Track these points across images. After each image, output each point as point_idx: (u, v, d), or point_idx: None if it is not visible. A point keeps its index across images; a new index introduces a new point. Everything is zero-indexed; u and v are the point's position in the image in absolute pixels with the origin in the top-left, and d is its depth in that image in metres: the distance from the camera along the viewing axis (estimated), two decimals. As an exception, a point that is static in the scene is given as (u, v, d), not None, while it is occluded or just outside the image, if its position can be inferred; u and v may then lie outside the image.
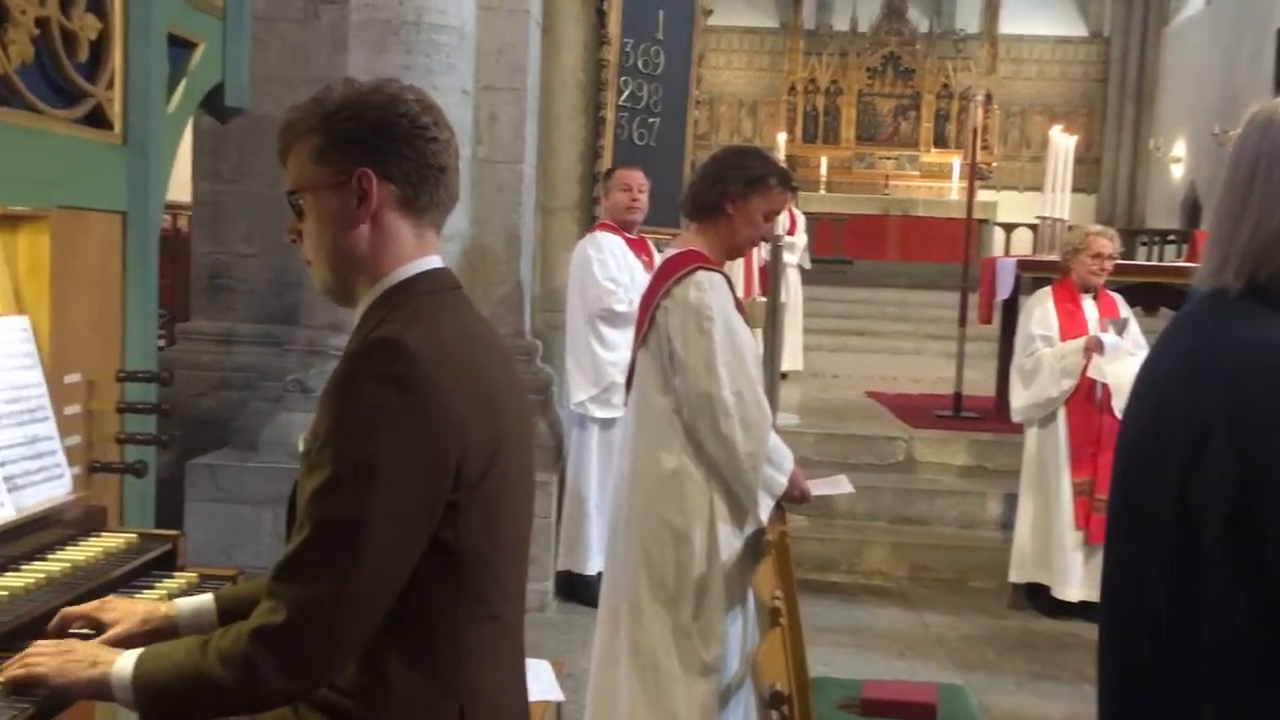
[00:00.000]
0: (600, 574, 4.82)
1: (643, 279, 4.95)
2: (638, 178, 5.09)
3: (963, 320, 7.37)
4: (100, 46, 2.32)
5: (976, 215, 8.57)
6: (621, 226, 5.07)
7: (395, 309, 1.59)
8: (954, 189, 15.96)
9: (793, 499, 3.07)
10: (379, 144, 1.59)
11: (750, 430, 2.91)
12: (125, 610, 1.74)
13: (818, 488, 3.20)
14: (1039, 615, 5.18)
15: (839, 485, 3.37)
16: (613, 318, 4.90)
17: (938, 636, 4.95)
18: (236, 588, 1.86)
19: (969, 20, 17.53)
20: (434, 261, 1.67)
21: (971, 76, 16.48)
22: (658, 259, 5.05)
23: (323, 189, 1.61)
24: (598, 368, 4.92)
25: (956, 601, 5.44)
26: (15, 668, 1.54)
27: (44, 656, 1.55)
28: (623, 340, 4.84)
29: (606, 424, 4.95)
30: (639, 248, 5.12)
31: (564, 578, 5.13)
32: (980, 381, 7.73)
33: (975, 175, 8.10)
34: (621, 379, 4.77)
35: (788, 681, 1.89)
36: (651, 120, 6.04)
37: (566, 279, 5.22)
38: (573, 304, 5.07)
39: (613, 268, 4.93)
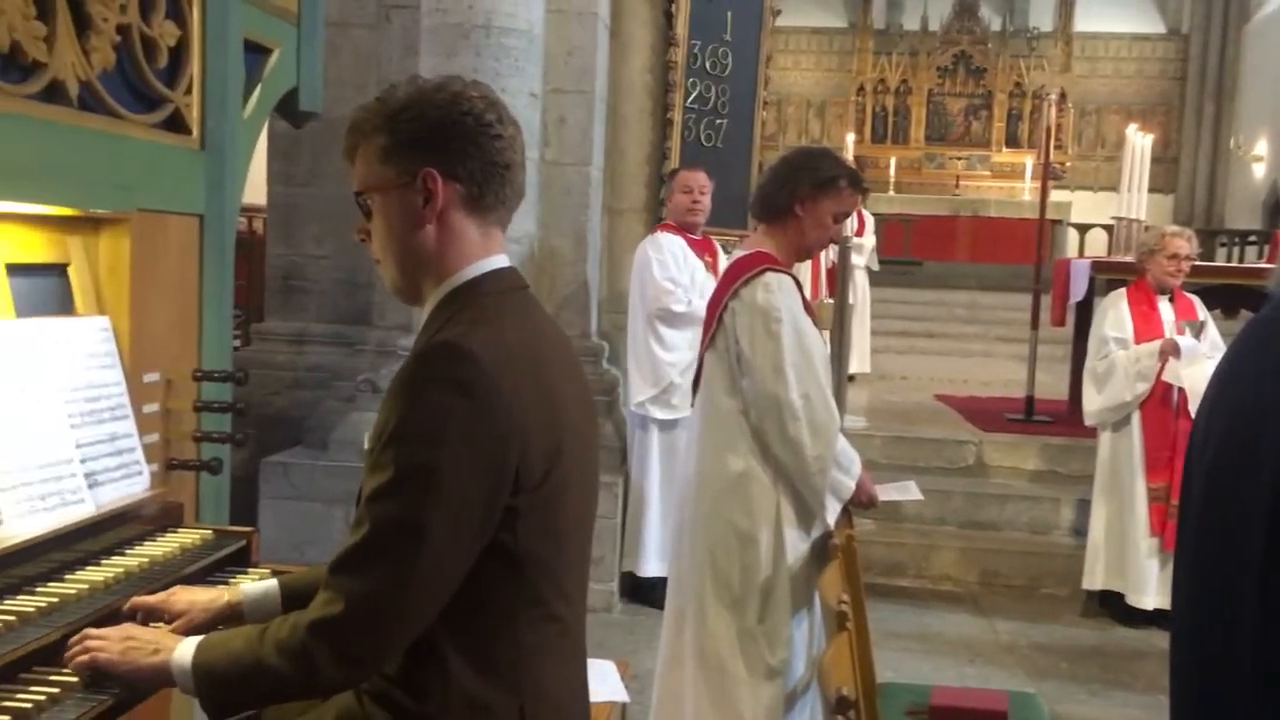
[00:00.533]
0: (658, 577, 4.86)
1: (703, 280, 4.95)
2: (699, 179, 5.07)
3: (1035, 322, 7.25)
4: (179, 53, 2.37)
5: (1050, 216, 8.43)
6: (683, 228, 5.07)
7: (461, 309, 1.60)
8: (1026, 189, 15.72)
9: (860, 504, 3.04)
10: (444, 143, 1.59)
11: (818, 433, 2.89)
12: (189, 600, 1.79)
13: (886, 493, 3.17)
14: (1113, 623, 5.08)
15: (908, 491, 3.33)
16: (671, 318, 4.90)
17: (1009, 643, 4.88)
18: (300, 574, 1.89)
19: (1042, 18, 17.24)
20: (500, 261, 1.67)
21: (1045, 75, 16.20)
22: (723, 260, 5.05)
23: (389, 189, 1.62)
24: (656, 368, 4.92)
25: (1028, 608, 5.36)
26: (78, 651, 1.58)
27: (107, 642, 1.59)
28: (681, 341, 4.85)
29: (667, 425, 4.95)
30: (703, 248, 5.11)
31: (625, 578, 5.14)
32: (1052, 385, 7.60)
33: (1048, 175, 7.97)
34: (681, 379, 4.80)
35: (855, 686, 1.88)
36: (719, 121, 6.02)
37: (632, 280, 5.23)
38: (633, 305, 5.08)
39: (672, 268, 4.93)
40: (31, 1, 1.95)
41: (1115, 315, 5.03)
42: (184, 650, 1.55)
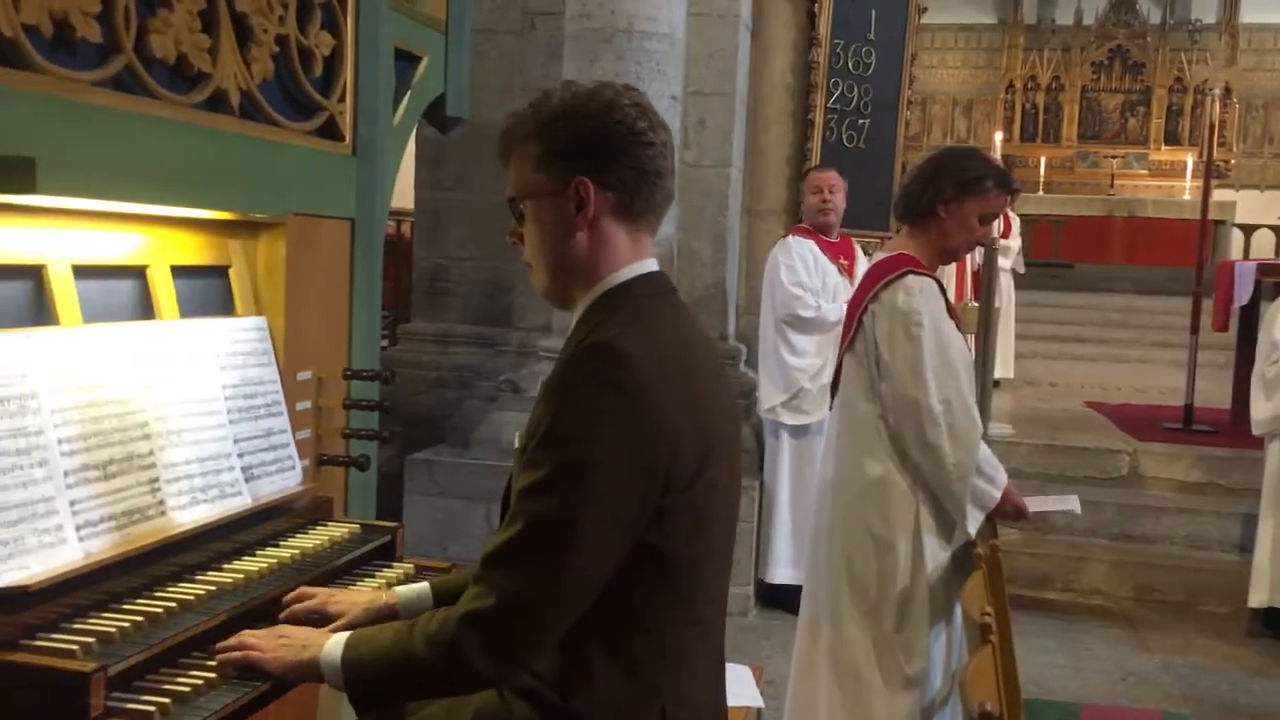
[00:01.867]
0: (788, 585, 4.81)
1: (836, 283, 4.87)
2: (829, 178, 4.99)
3: (1195, 327, 6.94)
4: (333, 62, 2.45)
5: (1212, 216, 8.05)
6: (817, 229, 4.99)
7: (612, 313, 1.62)
8: (1187, 188, 15.03)
9: (1005, 515, 2.95)
10: (597, 153, 1.61)
11: (958, 439, 2.82)
12: (349, 601, 1.84)
13: (1044, 504, 3.06)
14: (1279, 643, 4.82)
15: (1067, 503, 3.19)
16: (799, 324, 4.84)
17: (1163, 662, 4.67)
18: (450, 577, 1.94)
19: (1205, 10, 16.46)
20: (650, 265, 1.69)
21: (1208, 69, 15.47)
22: (861, 263, 4.98)
23: (542, 196, 1.64)
24: (786, 374, 4.87)
25: (1185, 626, 5.12)
26: (232, 647, 1.64)
27: (260, 640, 1.64)
28: (811, 346, 4.81)
29: (797, 430, 4.92)
30: (838, 251, 5.01)
31: (756, 584, 5.10)
32: (1214, 393, 7.25)
33: (1210, 174, 7.60)
34: (810, 385, 4.77)
35: (999, 702, 1.82)
36: (861, 122, 5.94)
37: (769, 284, 5.19)
38: (763, 310, 5.03)
39: (801, 273, 4.86)
40: (196, 14, 2.05)
41: (1286, 319, 4.77)
42: (333, 646, 1.59)
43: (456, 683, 1.58)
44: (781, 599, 4.96)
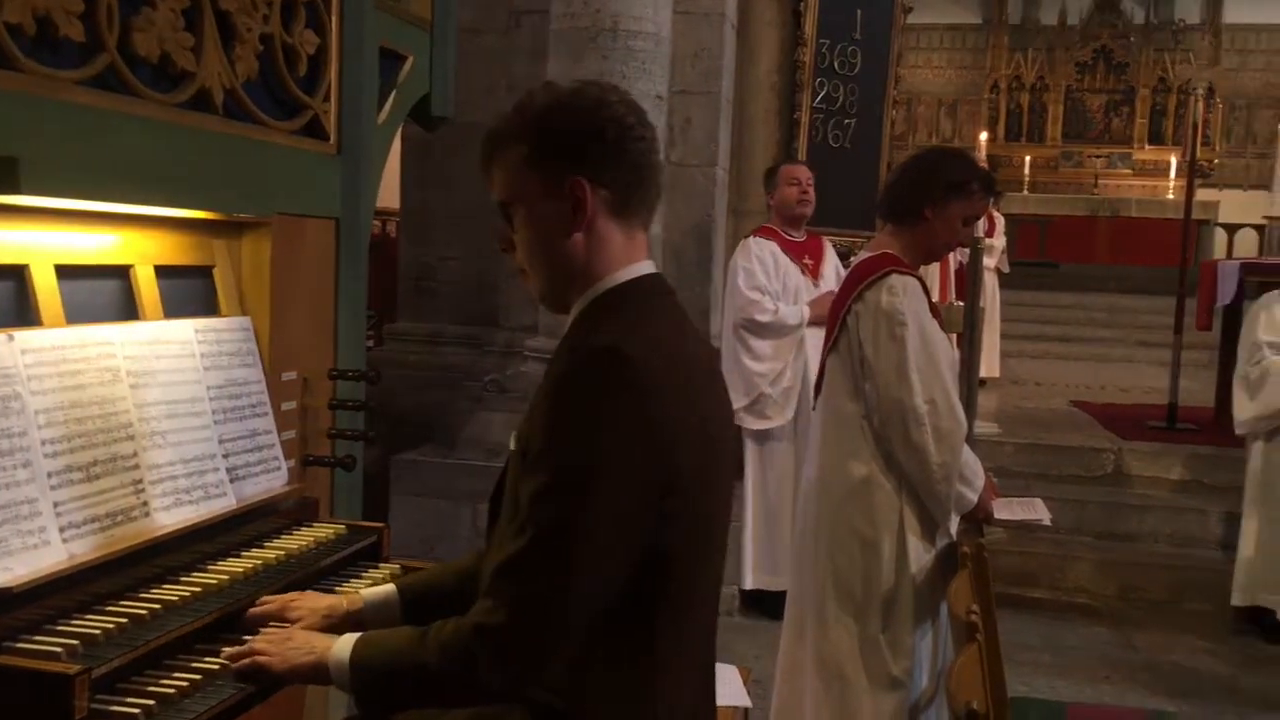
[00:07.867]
0: (758, 590, 4.81)
1: (798, 284, 4.81)
2: (804, 171, 4.90)
3: (1179, 327, 6.97)
4: (318, 61, 2.44)
5: (1195, 216, 8.10)
6: (791, 222, 4.87)
7: (611, 314, 1.60)
8: (1171, 188, 15.13)
9: (975, 519, 2.97)
10: (589, 151, 1.59)
11: (943, 440, 2.82)
12: (309, 607, 1.81)
13: (1010, 510, 3.06)
14: (1263, 641, 4.84)
15: (1033, 510, 3.17)
16: (757, 329, 4.77)
17: (1147, 660, 4.69)
18: (417, 577, 1.91)
19: (1189, 10, 16.56)
20: (647, 266, 1.67)
21: (1191, 69, 15.58)
22: (829, 259, 4.94)
23: (535, 199, 1.61)
24: (746, 379, 4.79)
25: (1169, 624, 5.14)
26: (245, 662, 1.62)
27: (266, 644, 1.63)
28: (769, 350, 4.77)
29: (759, 435, 4.85)
30: (803, 250, 4.90)
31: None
32: (1198, 392, 7.29)
33: (1194, 173, 7.64)
34: (771, 389, 4.74)
35: (985, 701, 1.83)
36: (847, 121, 5.96)
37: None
38: (725, 314, 5.01)
39: (760, 277, 4.77)
40: (180, 13, 2.03)
41: (1269, 318, 4.78)
42: (341, 648, 1.57)
43: (467, 691, 1.55)
44: (753, 603, 4.94)
